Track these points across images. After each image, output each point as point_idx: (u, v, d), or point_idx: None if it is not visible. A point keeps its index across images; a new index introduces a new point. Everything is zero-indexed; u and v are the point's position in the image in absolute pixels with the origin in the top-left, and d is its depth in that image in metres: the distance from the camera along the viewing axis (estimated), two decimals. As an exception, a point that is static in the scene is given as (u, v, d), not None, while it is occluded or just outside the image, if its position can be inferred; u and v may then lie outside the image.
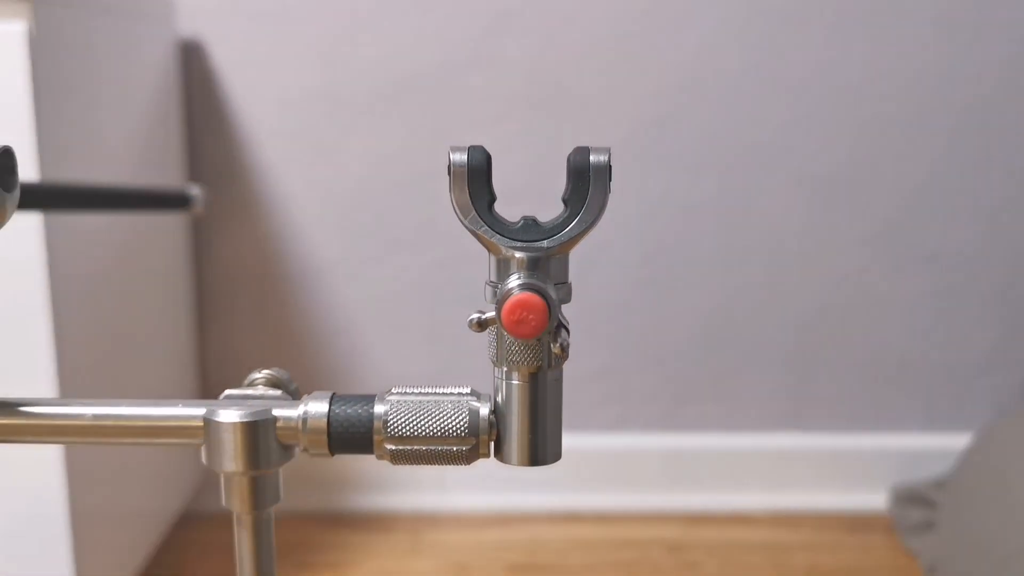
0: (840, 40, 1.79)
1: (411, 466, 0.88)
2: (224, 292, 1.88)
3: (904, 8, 1.78)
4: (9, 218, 0.55)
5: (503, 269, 0.57)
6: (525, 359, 0.57)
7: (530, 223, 0.56)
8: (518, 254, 0.56)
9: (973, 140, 1.82)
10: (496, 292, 0.56)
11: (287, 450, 0.60)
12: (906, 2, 1.78)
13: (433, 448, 0.58)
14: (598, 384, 1.93)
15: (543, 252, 0.56)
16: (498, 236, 0.56)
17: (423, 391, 0.60)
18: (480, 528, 1.85)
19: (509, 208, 0.59)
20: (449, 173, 0.55)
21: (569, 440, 0.65)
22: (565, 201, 0.57)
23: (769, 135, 1.82)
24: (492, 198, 0.56)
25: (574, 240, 0.56)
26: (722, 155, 1.84)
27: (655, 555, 1.71)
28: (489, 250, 0.57)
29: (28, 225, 1.20)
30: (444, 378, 1.88)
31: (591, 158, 0.56)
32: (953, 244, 1.86)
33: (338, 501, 1.92)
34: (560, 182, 0.57)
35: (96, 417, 0.59)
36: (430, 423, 0.58)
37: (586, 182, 0.55)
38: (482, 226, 0.56)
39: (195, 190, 1.32)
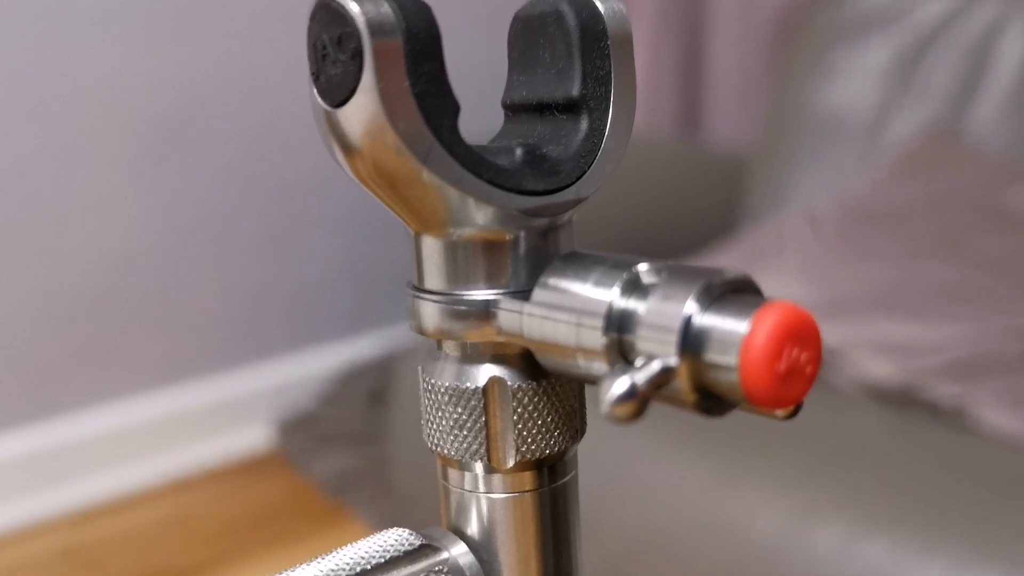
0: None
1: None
2: None
3: None
4: None
5: (502, 259, 0.25)
6: (547, 437, 0.27)
7: (527, 149, 0.26)
8: (536, 222, 0.25)
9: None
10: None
11: None
12: None
13: None
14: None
15: (569, 207, 0.26)
16: (502, 191, 0.25)
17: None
18: None
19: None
20: (337, 56, 0.23)
21: None
22: (558, 104, 0.27)
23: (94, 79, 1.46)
24: (456, 107, 0.24)
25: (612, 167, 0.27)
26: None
27: (50, 567, 1.31)
28: (448, 225, 0.25)
29: None
30: None
31: (604, 12, 0.26)
32: (297, 174, 1.69)
33: None
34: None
35: None
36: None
37: (601, 58, 0.26)
38: (461, 173, 0.24)
39: None
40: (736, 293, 0.22)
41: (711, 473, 0.98)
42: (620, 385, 0.21)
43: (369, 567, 0.25)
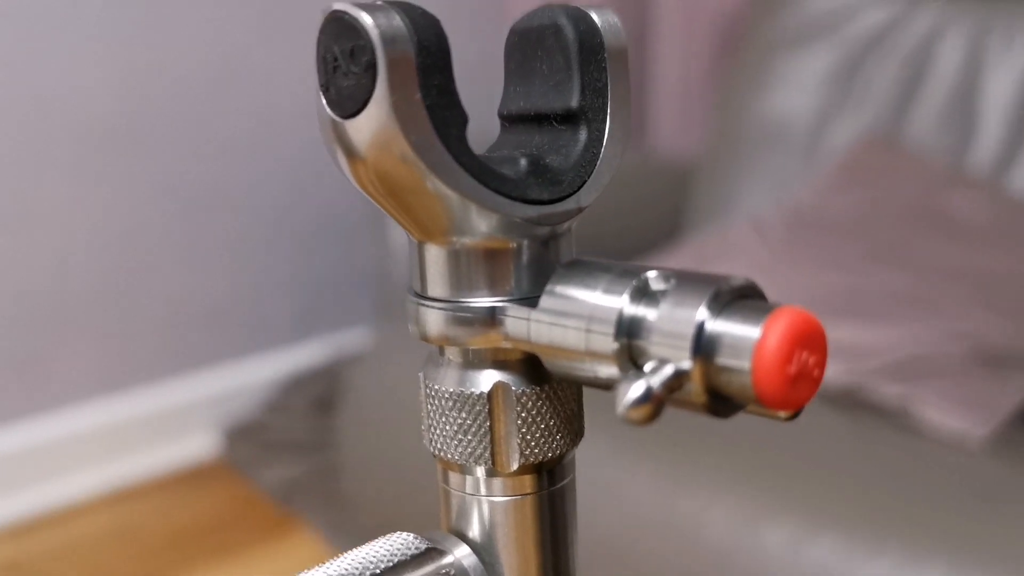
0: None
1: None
2: None
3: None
4: None
5: (507, 266, 0.26)
6: (549, 441, 0.27)
7: (530, 159, 0.26)
8: (539, 230, 0.26)
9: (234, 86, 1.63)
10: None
11: None
12: None
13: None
14: None
15: (570, 216, 0.27)
16: (508, 200, 0.25)
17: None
18: None
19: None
20: (349, 68, 0.23)
21: None
22: (556, 115, 0.27)
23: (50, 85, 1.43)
24: (465, 118, 0.25)
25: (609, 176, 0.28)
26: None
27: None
28: (453, 233, 0.26)
29: None
30: None
31: (601, 25, 0.27)
32: (241, 181, 1.67)
33: None
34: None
35: None
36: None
37: (599, 70, 0.27)
38: (468, 183, 0.24)
39: None
40: (744, 299, 0.23)
41: (661, 475, 0.99)
42: (636, 389, 0.22)
43: (378, 571, 0.25)
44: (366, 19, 0.23)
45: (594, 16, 0.27)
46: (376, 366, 1.30)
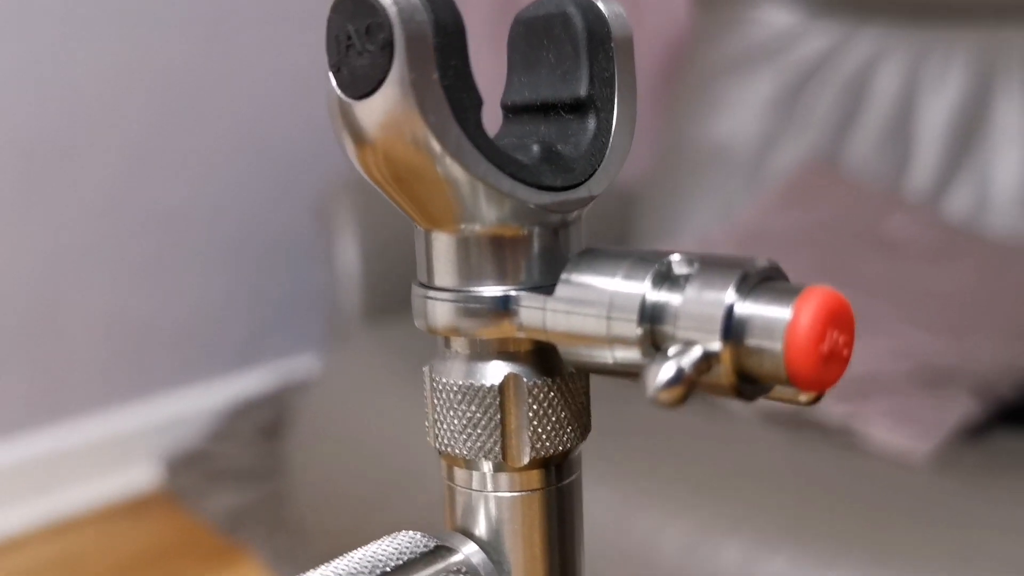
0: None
1: None
2: None
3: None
4: None
5: (520, 254, 0.25)
6: (560, 434, 0.27)
7: (542, 146, 0.26)
8: (551, 218, 0.25)
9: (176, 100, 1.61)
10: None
11: None
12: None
13: None
14: None
15: (583, 204, 0.26)
16: (523, 186, 0.24)
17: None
18: None
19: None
20: (364, 47, 0.23)
21: None
22: (564, 104, 0.27)
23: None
24: (480, 101, 0.24)
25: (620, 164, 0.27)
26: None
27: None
28: (463, 220, 0.25)
29: None
30: None
31: (607, 15, 0.27)
32: (182, 202, 1.64)
33: None
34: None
35: None
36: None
37: (607, 59, 0.27)
38: (485, 167, 0.24)
39: None
40: (769, 280, 0.22)
41: (615, 496, 0.98)
42: (667, 371, 0.21)
43: (388, 569, 0.24)
44: (384, -4, 0.22)
45: (600, 5, 0.27)
46: (324, 392, 1.28)
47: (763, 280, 0.22)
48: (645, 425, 1.04)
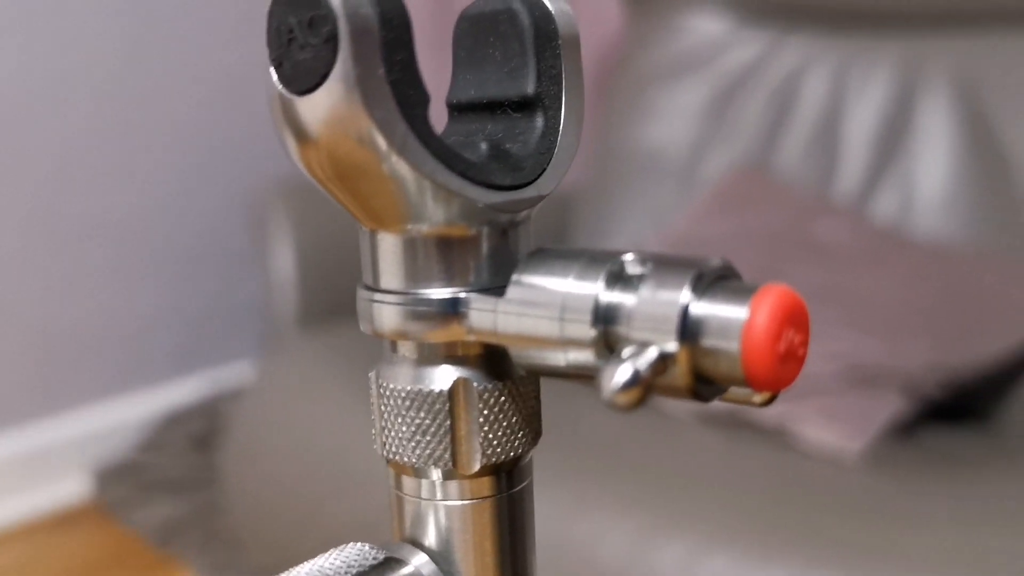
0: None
1: None
2: None
3: None
4: None
5: (468, 255, 0.24)
6: (512, 439, 0.26)
7: (491, 144, 0.25)
8: (500, 217, 0.25)
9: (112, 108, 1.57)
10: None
11: None
12: None
13: None
14: None
15: (532, 203, 0.26)
16: (472, 185, 0.24)
17: None
18: None
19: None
20: (307, 40, 0.22)
21: None
22: (512, 102, 0.26)
23: None
24: (427, 97, 0.23)
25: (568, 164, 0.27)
26: None
27: None
28: (409, 220, 0.24)
29: None
30: None
31: (554, 12, 0.26)
32: (112, 211, 1.60)
33: None
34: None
35: None
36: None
37: (553, 57, 0.26)
38: (433, 165, 0.23)
39: None
40: (723, 280, 0.22)
41: (556, 499, 0.98)
42: (623, 373, 0.21)
43: (336, 583, 0.23)
44: (327, -13, 0.21)
45: (547, 2, 0.26)
46: (259, 400, 1.25)
47: (717, 279, 0.22)
48: (582, 427, 1.04)
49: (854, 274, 1.20)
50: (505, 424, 0.25)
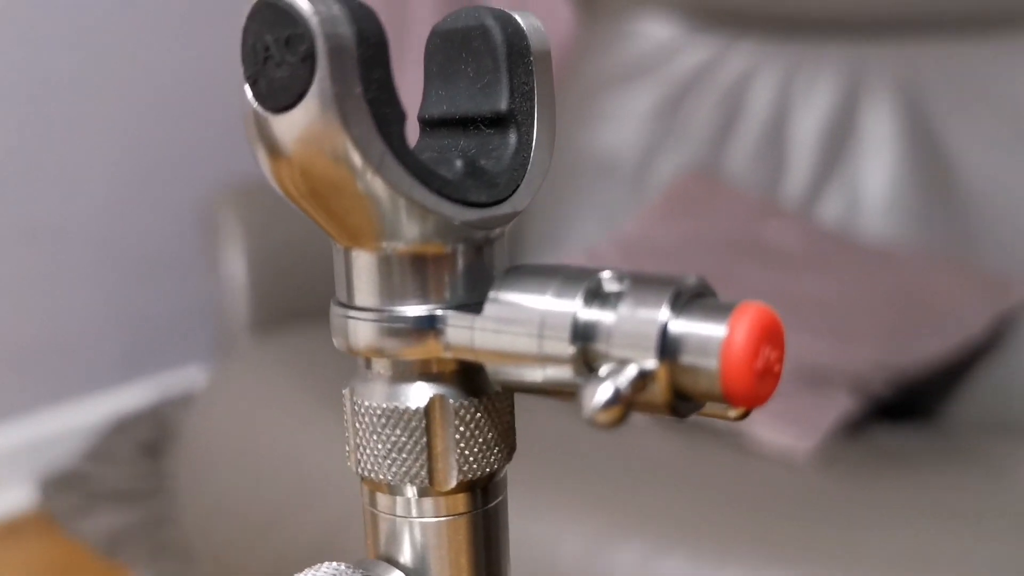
0: None
1: None
2: None
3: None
4: None
5: (444, 272, 0.24)
6: (487, 455, 0.26)
7: (465, 161, 0.25)
8: (476, 234, 0.25)
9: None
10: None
11: None
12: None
13: None
14: None
15: (507, 220, 0.26)
16: (448, 202, 0.24)
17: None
18: None
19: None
20: (284, 58, 0.22)
21: None
22: (484, 118, 0.26)
23: None
24: (403, 115, 0.23)
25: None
26: None
27: None
28: (384, 237, 0.24)
29: None
30: None
31: (526, 28, 0.26)
32: (54, 216, 1.57)
33: None
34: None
35: None
36: None
37: (526, 73, 0.26)
38: (409, 183, 0.23)
39: None
40: (701, 297, 0.22)
41: (513, 501, 0.98)
42: (604, 391, 0.21)
43: (313, 604, 0.23)
44: (304, 5, 0.21)
45: (518, 19, 0.26)
46: (211, 407, 1.24)
47: (694, 296, 0.22)
48: (538, 430, 1.04)
49: (802, 276, 1.22)
50: (481, 440, 0.25)
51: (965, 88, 1.25)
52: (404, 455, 0.25)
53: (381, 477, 0.25)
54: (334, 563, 0.25)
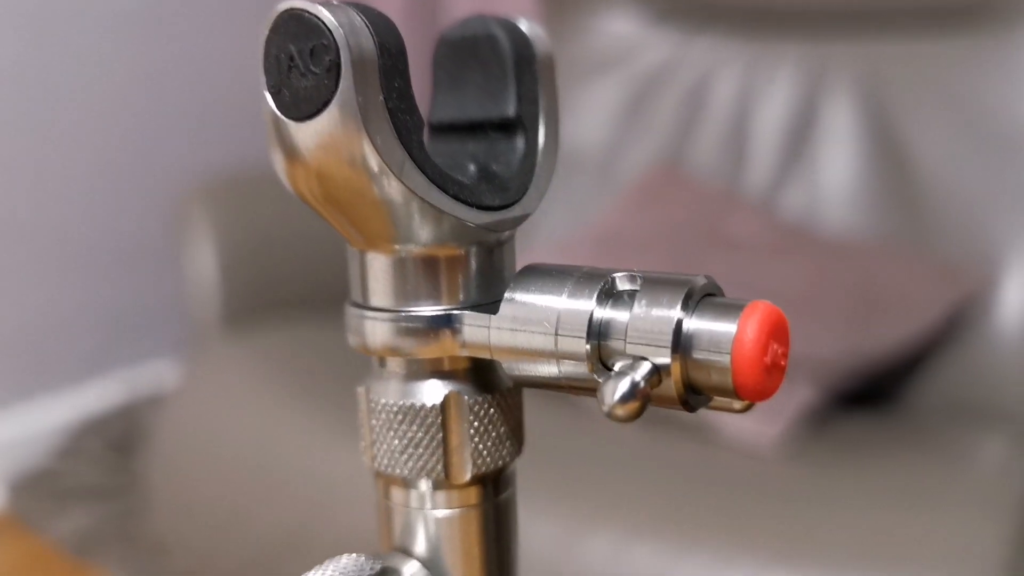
0: None
1: None
2: None
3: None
4: None
5: (459, 273, 0.25)
6: (500, 449, 0.27)
7: (479, 165, 0.26)
8: (488, 236, 0.25)
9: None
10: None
11: None
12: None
13: None
14: None
15: (518, 222, 0.27)
16: (464, 206, 0.25)
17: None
18: None
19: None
20: (308, 69, 0.22)
21: None
22: (493, 123, 0.27)
23: None
24: (422, 122, 0.24)
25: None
26: None
27: None
28: (399, 240, 0.25)
29: None
30: None
31: (530, 35, 0.27)
32: (20, 212, 1.55)
33: None
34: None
35: None
36: None
37: (532, 80, 0.27)
38: (428, 188, 0.24)
39: None
40: (711, 296, 0.23)
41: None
42: (623, 386, 0.22)
43: (337, 595, 0.24)
44: (329, 18, 0.22)
45: (523, 27, 0.27)
46: (184, 404, 1.23)
47: (705, 296, 0.23)
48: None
49: (764, 267, 1.23)
50: (494, 435, 0.26)
51: (924, 83, 1.27)
52: (420, 450, 0.26)
53: (398, 472, 0.26)
54: (353, 555, 0.26)
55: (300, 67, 0.22)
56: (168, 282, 1.44)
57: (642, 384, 0.22)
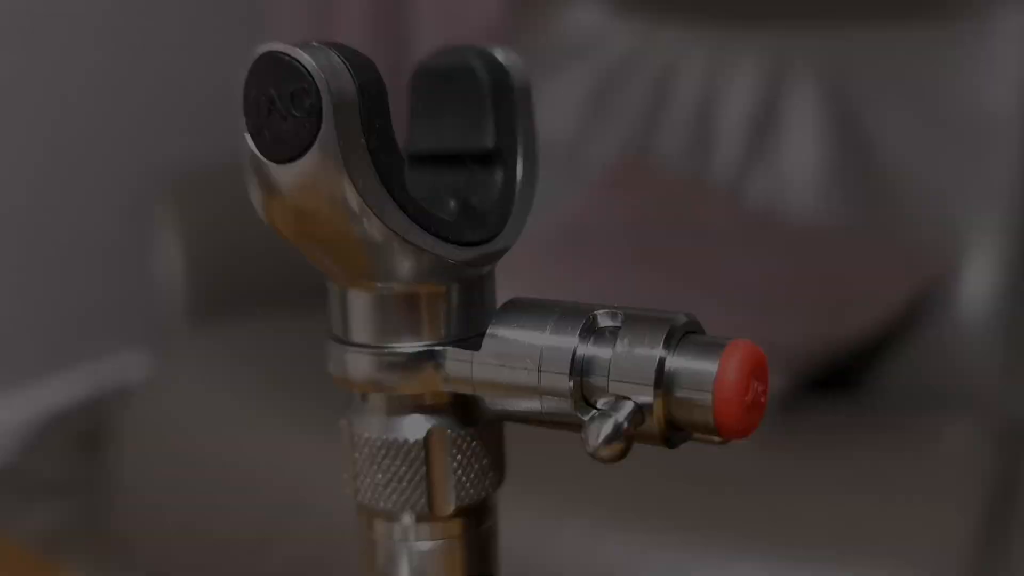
0: None
1: None
2: None
3: None
4: None
5: (440, 309, 0.25)
6: (483, 481, 0.27)
7: (458, 200, 0.26)
8: (469, 272, 0.26)
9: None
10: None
11: None
12: None
13: None
14: None
15: (498, 256, 0.27)
16: (445, 244, 0.25)
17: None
18: None
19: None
20: (289, 112, 0.22)
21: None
22: (471, 154, 0.27)
23: None
24: (403, 161, 0.24)
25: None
26: None
27: None
28: (380, 278, 0.25)
29: None
30: None
31: (507, 65, 0.27)
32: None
33: None
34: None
35: None
36: None
37: (510, 110, 0.27)
38: (410, 227, 0.24)
39: None
40: (692, 334, 0.23)
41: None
42: (607, 427, 0.22)
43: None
44: (309, 61, 0.21)
45: (499, 56, 0.27)
46: (151, 400, 1.22)
47: (686, 334, 0.23)
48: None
49: (731, 255, 1.24)
50: (477, 467, 0.26)
51: (887, 71, 1.28)
52: (404, 484, 0.26)
53: (381, 505, 0.26)
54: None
55: (281, 110, 0.22)
56: (134, 276, 1.43)
57: (626, 424, 0.22)
